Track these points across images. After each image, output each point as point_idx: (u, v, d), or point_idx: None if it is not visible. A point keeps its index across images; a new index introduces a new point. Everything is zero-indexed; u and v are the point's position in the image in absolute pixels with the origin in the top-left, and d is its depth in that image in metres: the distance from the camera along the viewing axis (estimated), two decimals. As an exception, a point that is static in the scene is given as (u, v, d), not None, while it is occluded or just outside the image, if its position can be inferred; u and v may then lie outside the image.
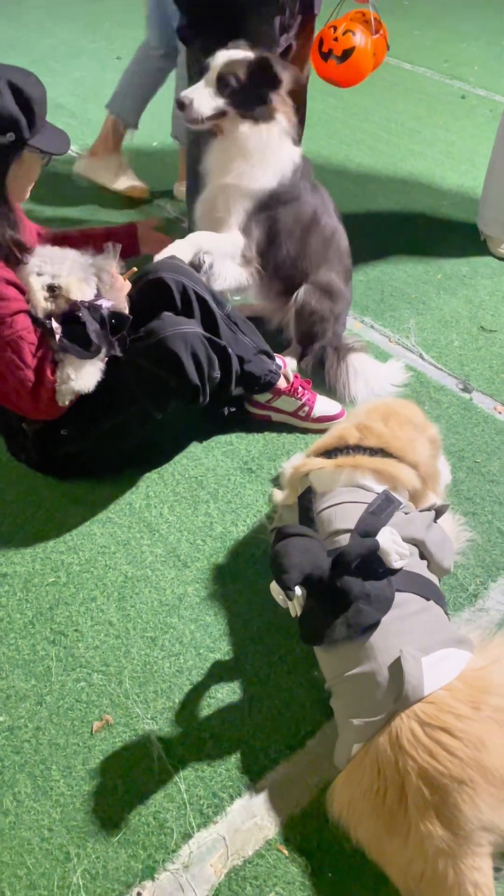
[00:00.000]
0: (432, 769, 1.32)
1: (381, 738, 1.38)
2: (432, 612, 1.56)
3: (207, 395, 2.03)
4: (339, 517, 1.66)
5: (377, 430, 1.79)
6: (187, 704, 1.67)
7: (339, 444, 1.82)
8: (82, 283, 1.83)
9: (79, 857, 1.44)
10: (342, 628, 1.47)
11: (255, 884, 1.41)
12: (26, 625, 1.82)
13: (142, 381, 1.93)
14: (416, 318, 2.82)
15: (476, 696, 1.39)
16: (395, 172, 3.81)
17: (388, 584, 1.51)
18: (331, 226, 2.47)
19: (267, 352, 2.24)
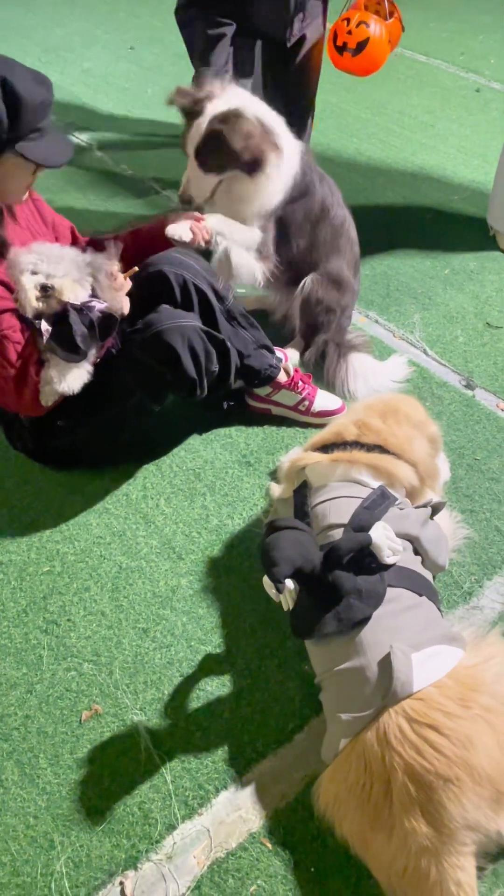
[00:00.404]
0: (419, 766, 1.32)
1: (368, 734, 1.38)
2: (424, 609, 1.55)
3: (205, 389, 2.02)
4: (333, 512, 1.65)
5: (375, 427, 1.78)
6: (177, 696, 1.67)
7: (336, 439, 1.81)
8: (76, 285, 1.80)
9: (63, 845, 1.45)
10: (332, 623, 1.47)
11: (237, 876, 1.41)
12: (19, 613, 1.83)
13: (138, 373, 1.93)
14: (422, 313, 2.80)
15: (466, 693, 1.38)
16: (405, 166, 3.77)
17: (381, 579, 1.51)
18: (340, 216, 2.44)
19: (267, 346, 2.23)
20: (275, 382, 2.26)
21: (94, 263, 1.86)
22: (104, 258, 1.90)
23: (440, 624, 1.55)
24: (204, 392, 2.03)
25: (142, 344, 1.90)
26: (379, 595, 1.47)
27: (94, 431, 2.01)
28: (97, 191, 3.48)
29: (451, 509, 2.04)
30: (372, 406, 1.89)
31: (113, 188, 3.50)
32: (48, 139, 1.74)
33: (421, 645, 1.43)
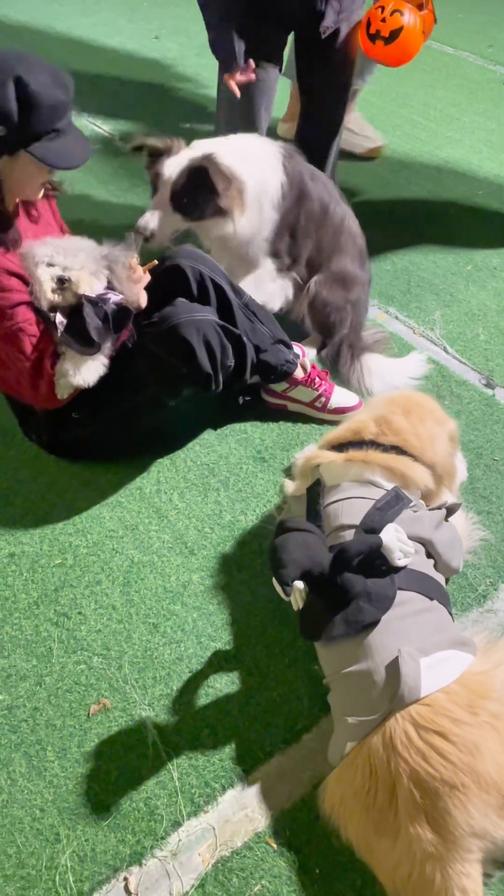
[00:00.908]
0: (424, 772, 1.30)
1: (374, 738, 1.37)
2: (435, 613, 1.53)
3: (220, 384, 2.01)
4: (345, 512, 1.64)
5: (397, 426, 1.74)
6: (185, 692, 1.67)
7: (353, 437, 1.78)
8: (92, 277, 1.79)
9: (68, 838, 1.45)
10: (341, 625, 1.45)
11: (241, 875, 1.41)
12: (31, 605, 1.83)
13: (153, 367, 1.92)
14: (443, 309, 2.76)
15: (474, 700, 1.36)
16: (430, 160, 3.72)
17: (391, 582, 1.49)
18: (339, 213, 2.41)
19: (284, 341, 2.21)
20: (291, 378, 2.24)
21: (110, 255, 1.85)
22: (122, 249, 1.89)
23: (450, 628, 1.53)
24: (219, 387, 2.02)
25: (157, 337, 1.89)
26: (388, 598, 1.45)
27: (108, 424, 2.01)
28: (117, 181, 3.48)
29: (467, 510, 2.01)
30: (395, 401, 1.84)
31: (133, 179, 3.48)
32: (65, 140, 1.71)
33: (430, 649, 1.42)
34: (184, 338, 1.86)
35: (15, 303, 1.77)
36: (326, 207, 2.36)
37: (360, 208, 3.32)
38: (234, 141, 2.27)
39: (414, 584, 1.52)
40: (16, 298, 1.77)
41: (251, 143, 2.30)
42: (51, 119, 1.65)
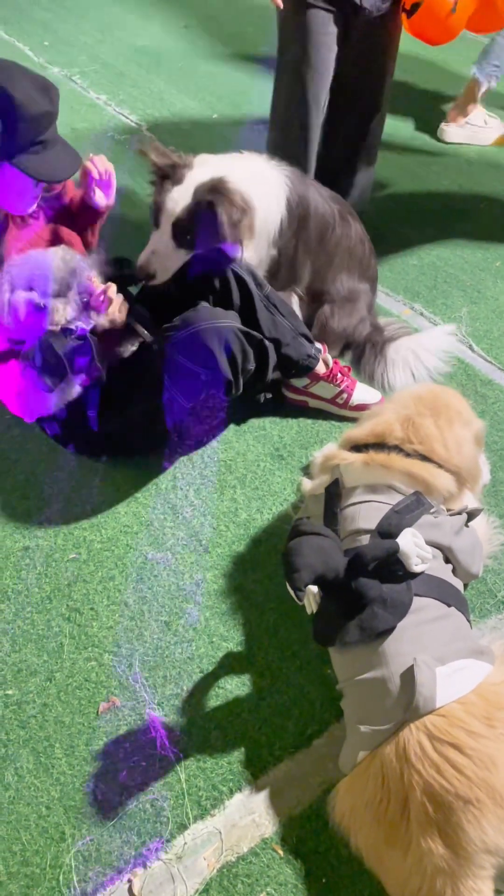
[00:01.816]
0: (438, 786, 1.27)
1: (387, 748, 1.33)
2: (452, 620, 1.49)
3: (240, 388, 1.98)
4: (362, 516, 1.60)
5: (424, 433, 1.66)
6: (195, 693, 1.64)
7: (376, 441, 1.71)
8: (67, 308, 1.75)
9: (73, 837, 1.44)
10: (355, 631, 1.42)
11: (246, 882, 1.39)
12: (43, 600, 1.82)
13: (173, 372, 1.89)
14: (470, 306, 2.70)
15: (492, 712, 1.32)
16: (461, 152, 3.64)
17: (407, 588, 1.45)
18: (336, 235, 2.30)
19: (306, 335, 2.17)
20: (312, 374, 2.20)
21: (74, 277, 1.79)
22: (86, 271, 1.83)
23: (468, 636, 1.48)
24: (239, 391, 2.00)
25: (178, 343, 1.86)
26: (404, 605, 1.41)
27: (126, 424, 1.99)
28: (144, 172, 3.44)
29: (489, 514, 1.96)
30: (422, 399, 1.76)
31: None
32: (51, 152, 1.67)
33: (446, 658, 1.38)
34: (206, 345, 1.84)
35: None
36: (323, 234, 2.27)
37: (389, 201, 3.29)
38: (243, 161, 2.15)
39: (431, 590, 1.48)
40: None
41: (259, 166, 2.16)
42: (36, 130, 1.62)
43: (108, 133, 3.72)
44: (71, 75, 4.21)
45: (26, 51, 4.46)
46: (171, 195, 1.99)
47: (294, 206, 2.17)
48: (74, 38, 4.66)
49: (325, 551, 1.43)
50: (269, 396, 2.30)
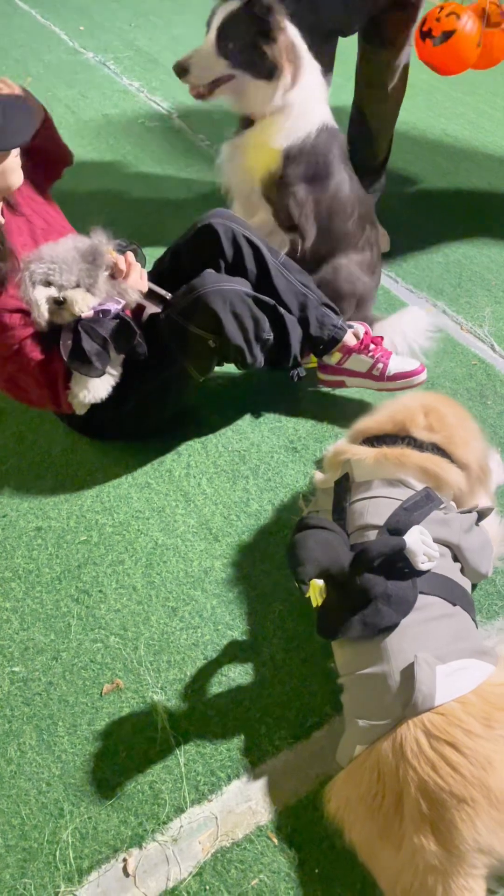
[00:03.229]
0: (433, 783, 1.27)
1: (384, 744, 1.33)
2: (457, 619, 1.48)
3: (258, 357, 1.95)
4: (370, 511, 1.60)
5: (448, 421, 1.67)
6: (198, 679, 1.66)
7: (396, 430, 1.70)
8: (87, 295, 1.74)
9: (72, 814, 1.46)
10: (358, 626, 1.42)
11: (240, 867, 1.40)
12: (53, 580, 1.84)
13: (182, 341, 1.88)
14: (494, 306, 2.67)
15: (492, 713, 1.32)
16: (493, 150, 3.60)
17: (412, 585, 1.45)
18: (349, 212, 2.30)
19: (329, 304, 2.11)
20: (344, 347, 2.13)
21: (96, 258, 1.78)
22: (100, 244, 1.81)
23: (472, 636, 1.48)
24: (257, 361, 1.96)
25: (183, 310, 1.85)
26: (409, 602, 1.41)
27: (138, 404, 1.99)
28: (172, 160, 3.45)
29: (501, 514, 1.95)
30: (428, 396, 1.79)
31: (188, 159, 3.46)
32: (7, 118, 1.59)
33: (448, 657, 1.38)
34: (210, 308, 1.81)
35: (19, 339, 1.77)
36: (340, 207, 2.26)
37: (417, 197, 3.27)
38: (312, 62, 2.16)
39: (437, 588, 1.48)
40: (20, 335, 1.76)
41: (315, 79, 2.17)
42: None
43: (140, 120, 3.73)
44: (105, 61, 4.22)
45: (61, 35, 4.48)
46: (225, 4, 2.02)
47: (321, 144, 2.16)
48: (110, 23, 4.67)
49: (330, 545, 1.43)
50: (302, 375, 2.23)
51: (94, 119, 3.68)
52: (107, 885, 1.38)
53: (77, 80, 3.96)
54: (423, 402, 1.74)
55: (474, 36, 2.45)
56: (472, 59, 2.51)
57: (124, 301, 1.82)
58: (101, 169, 3.35)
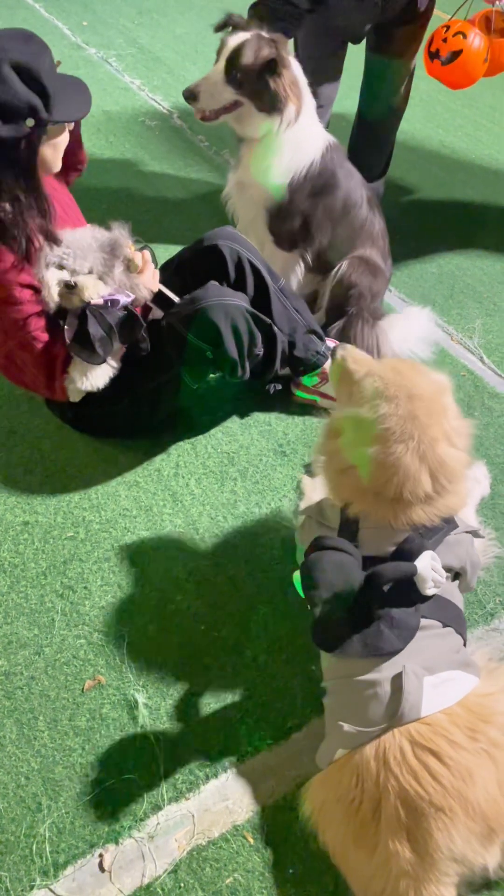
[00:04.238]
0: (413, 792, 1.28)
1: (367, 750, 1.34)
2: (448, 637, 1.48)
3: (247, 371, 2.00)
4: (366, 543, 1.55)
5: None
6: (180, 678, 1.67)
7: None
8: (99, 282, 1.76)
9: (49, 809, 1.47)
10: (358, 646, 1.40)
11: (215, 866, 1.41)
12: (38, 575, 1.85)
13: (179, 348, 1.91)
14: (484, 318, 2.70)
15: (476, 724, 1.33)
16: (489, 163, 3.64)
17: (416, 611, 1.43)
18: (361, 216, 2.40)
19: (317, 332, 2.18)
20: (323, 373, 2.21)
21: (114, 249, 1.80)
22: (121, 238, 1.83)
23: (459, 651, 1.48)
24: (246, 374, 2.01)
25: (185, 319, 1.88)
26: (412, 628, 1.40)
27: (130, 404, 2.01)
28: (171, 160, 3.46)
29: (485, 526, 1.98)
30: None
31: (187, 159, 3.47)
32: (69, 90, 1.66)
33: (435, 668, 1.38)
34: (212, 321, 1.85)
35: (27, 314, 1.77)
36: (350, 209, 2.35)
37: (412, 206, 3.30)
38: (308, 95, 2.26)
39: (436, 612, 1.46)
40: (27, 311, 1.77)
41: (313, 113, 2.28)
42: (54, 83, 1.61)
43: (140, 118, 3.73)
44: (107, 57, 4.22)
45: (64, 30, 4.48)
46: (234, 36, 2.14)
47: (327, 161, 2.27)
48: (114, 19, 4.67)
49: (345, 568, 1.41)
50: (278, 388, 2.30)
51: (95, 115, 3.68)
52: (82, 880, 1.39)
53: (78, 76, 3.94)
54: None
55: (482, 52, 2.49)
56: (481, 73, 2.57)
57: (134, 296, 1.84)
58: (99, 166, 3.35)
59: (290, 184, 2.24)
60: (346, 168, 2.35)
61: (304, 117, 2.21)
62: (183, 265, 2.08)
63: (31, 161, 1.66)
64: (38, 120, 1.60)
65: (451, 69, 2.51)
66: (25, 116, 1.58)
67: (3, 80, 1.53)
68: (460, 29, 2.48)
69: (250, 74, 2.10)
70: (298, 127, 2.19)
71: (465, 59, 2.48)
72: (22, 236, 1.69)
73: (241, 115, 2.22)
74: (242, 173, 2.31)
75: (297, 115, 2.18)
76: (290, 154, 2.21)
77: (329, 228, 2.35)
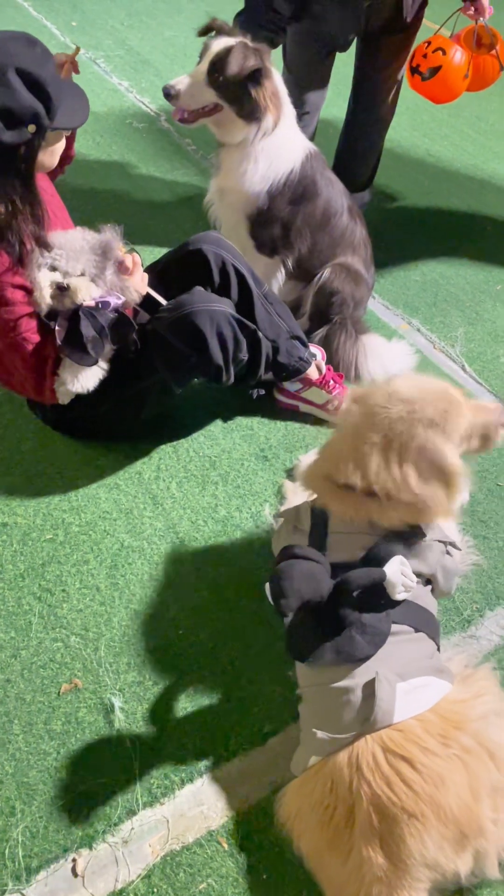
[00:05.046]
0: (385, 798, 1.28)
1: (340, 756, 1.34)
2: (420, 642, 1.49)
3: (231, 376, 2.00)
4: (334, 548, 1.54)
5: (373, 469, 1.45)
6: (157, 682, 1.67)
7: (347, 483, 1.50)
8: (91, 284, 1.76)
9: (23, 813, 1.46)
10: (330, 654, 1.40)
11: (189, 871, 1.41)
12: (16, 577, 1.84)
13: (164, 353, 1.91)
14: (466, 327, 2.73)
15: (448, 730, 1.34)
16: (474, 173, 3.67)
17: (386, 616, 1.43)
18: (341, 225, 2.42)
19: (301, 338, 2.19)
20: (306, 379, 2.22)
21: (106, 251, 1.80)
22: (112, 240, 1.83)
23: (433, 657, 1.49)
24: (230, 379, 2.01)
25: (170, 324, 1.88)
26: (383, 633, 1.40)
27: (114, 407, 2.00)
28: (158, 162, 3.46)
29: (464, 533, 1.99)
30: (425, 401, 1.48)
31: (174, 162, 3.47)
32: (67, 97, 1.67)
33: (408, 675, 1.39)
34: (197, 327, 1.85)
35: (18, 316, 1.76)
36: (330, 217, 2.37)
37: (397, 214, 3.32)
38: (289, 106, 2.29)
39: (407, 617, 1.47)
40: (19, 311, 1.76)
41: (293, 123, 2.30)
42: (56, 89, 1.61)
43: (127, 120, 3.73)
44: (95, 58, 4.21)
45: (53, 29, 4.46)
46: (220, 39, 2.14)
47: (307, 169, 2.28)
48: (103, 21, 4.66)
49: (314, 577, 1.41)
50: (261, 393, 2.31)
51: (82, 116, 3.67)
52: (55, 885, 1.38)
53: (66, 76, 3.94)
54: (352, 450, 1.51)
55: (462, 68, 2.53)
56: (461, 89, 2.61)
57: (125, 298, 1.84)
58: (86, 167, 3.34)
59: (270, 191, 2.25)
60: (327, 176, 2.37)
61: (283, 127, 2.23)
62: (167, 269, 2.08)
63: (30, 166, 1.67)
64: (39, 126, 1.61)
65: (431, 84, 2.55)
66: (28, 122, 1.59)
67: (8, 86, 1.54)
68: (440, 45, 2.51)
69: (233, 80, 2.11)
70: (276, 136, 2.21)
71: (444, 74, 2.52)
72: (15, 239, 1.69)
73: (220, 120, 2.23)
74: (223, 179, 2.32)
75: (275, 125, 2.20)
76: (267, 162, 2.23)
77: (309, 235, 2.37)
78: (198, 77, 2.16)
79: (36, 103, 1.57)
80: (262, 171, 2.23)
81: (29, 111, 1.57)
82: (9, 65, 1.53)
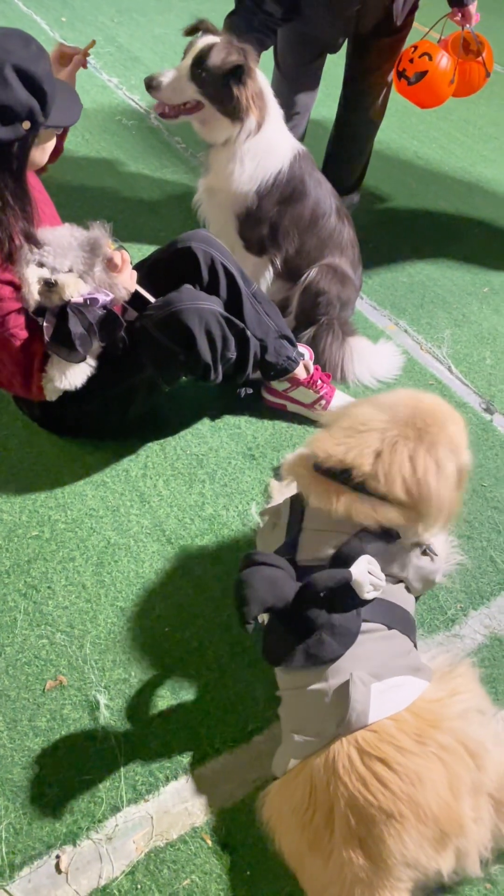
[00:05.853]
0: (362, 799, 1.29)
1: (317, 759, 1.35)
2: (394, 641, 1.49)
3: (220, 375, 2.01)
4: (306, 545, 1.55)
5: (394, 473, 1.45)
6: (143, 680, 1.67)
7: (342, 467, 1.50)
8: (79, 281, 1.75)
9: (7, 809, 1.46)
10: (301, 657, 1.41)
11: (173, 868, 1.41)
12: (1, 574, 1.83)
13: (152, 351, 1.91)
14: (453, 329, 2.75)
15: (424, 729, 1.34)
16: (462, 176, 3.69)
17: (356, 615, 1.44)
18: (329, 226, 2.43)
19: (289, 337, 2.20)
20: (293, 378, 2.23)
21: (94, 248, 1.79)
22: (101, 237, 1.82)
23: (409, 654, 1.50)
24: (218, 378, 2.02)
25: (158, 322, 1.88)
26: (352, 633, 1.41)
27: (102, 405, 2.00)
28: (146, 160, 3.46)
29: (447, 533, 2.00)
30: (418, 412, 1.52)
31: (163, 160, 3.46)
32: (60, 95, 1.68)
33: (383, 675, 1.40)
34: (185, 325, 1.85)
35: (6, 312, 1.76)
36: (318, 217, 2.38)
37: (385, 215, 3.33)
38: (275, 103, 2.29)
39: (379, 615, 1.47)
40: (7, 307, 1.76)
41: (280, 123, 2.30)
42: (51, 87, 1.62)
43: (117, 117, 3.72)
44: (85, 54, 4.20)
45: (42, 24, 4.44)
46: (206, 37, 2.14)
47: (295, 170, 2.29)
48: (93, 17, 4.65)
49: (276, 583, 1.41)
50: (249, 392, 2.32)
51: (71, 112, 3.66)
52: (38, 882, 1.38)
53: (56, 71, 3.92)
54: (383, 437, 1.49)
55: (448, 73, 2.55)
56: (447, 94, 2.63)
57: (113, 295, 1.84)
58: (75, 163, 3.34)
59: (258, 191, 2.26)
60: (316, 177, 2.38)
61: (269, 128, 2.22)
62: (156, 266, 2.08)
63: (22, 163, 1.67)
64: (34, 123, 1.61)
65: (417, 89, 2.57)
66: (23, 119, 1.59)
67: (5, 82, 1.54)
68: (427, 50, 2.53)
69: (215, 76, 2.10)
70: (262, 137, 2.21)
71: (430, 79, 2.54)
72: (4, 235, 1.69)
73: (203, 119, 2.22)
74: (211, 179, 2.32)
75: (259, 126, 2.19)
76: (254, 162, 2.23)
77: (297, 236, 2.38)
78: (181, 71, 2.15)
79: (32, 100, 1.58)
80: (250, 171, 2.23)
81: (25, 108, 1.58)
82: (5, 61, 1.53)
